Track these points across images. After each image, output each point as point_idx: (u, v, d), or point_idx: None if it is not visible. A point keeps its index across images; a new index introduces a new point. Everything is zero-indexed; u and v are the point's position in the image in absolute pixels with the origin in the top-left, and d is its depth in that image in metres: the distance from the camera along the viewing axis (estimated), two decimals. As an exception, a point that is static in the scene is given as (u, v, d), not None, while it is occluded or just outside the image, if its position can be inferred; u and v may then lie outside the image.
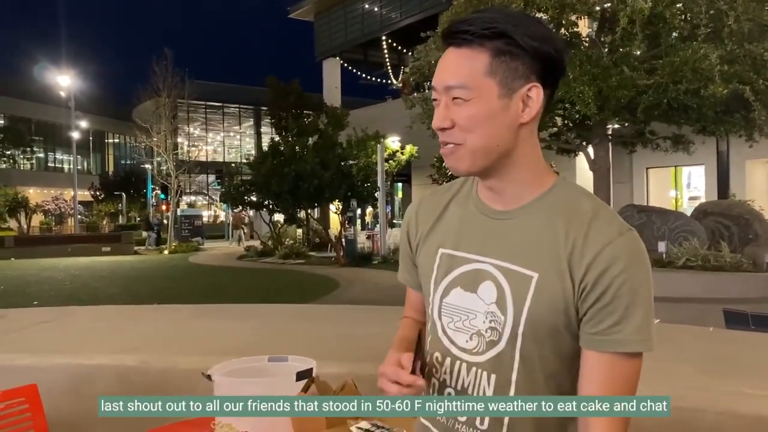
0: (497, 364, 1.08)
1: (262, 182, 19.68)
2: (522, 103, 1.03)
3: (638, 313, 1.00)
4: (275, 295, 12.10)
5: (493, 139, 1.04)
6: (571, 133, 14.56)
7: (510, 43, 1.01)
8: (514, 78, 1.02)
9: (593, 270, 1.00)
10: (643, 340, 1.01)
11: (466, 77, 1.02)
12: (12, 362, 2.95)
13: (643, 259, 1.02)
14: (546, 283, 1.03)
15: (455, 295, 1.12)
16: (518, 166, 1.07)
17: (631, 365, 1.03)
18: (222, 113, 50.92)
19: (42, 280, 16.49)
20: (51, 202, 39.42)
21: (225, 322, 4.14)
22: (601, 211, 1.05)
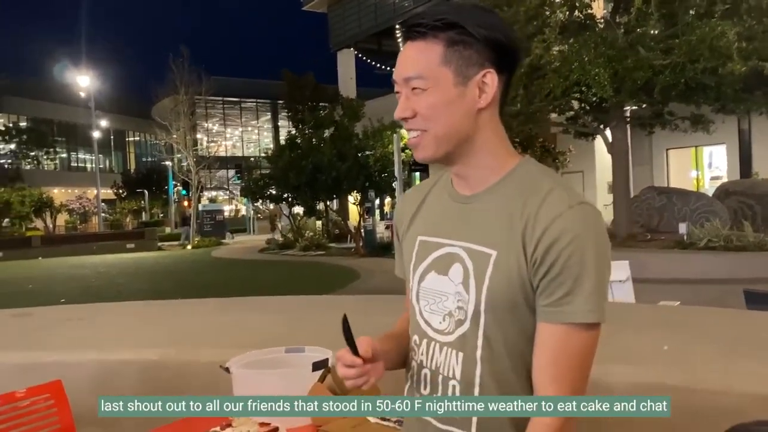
0: (464, 342, 1.11)
1: (280, 175, 19.79)
2: (478, 89, 1.08)
3: (587, 285, 1.01)
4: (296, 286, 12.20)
5: (453, 126, 1.08)
6: (588, 116, 14.41)
7: (462, 33, 1.06)
8: (468, 66, 1.07)
9: (543, 243, 1.02)
10: (592, 310, 1.02)
11: (423, 68, 1.07)
12: (38, 359, 3.03)
13: (593, 230, 1.03)
14: (503, 260, 1.06)
15: (430, 279, 1.16)
16: (480, 151, 1.12)
17: (583, 336, 1.04)
18: (239, 108, 51.15)
19: (69, 278, 16.80)
20: (75, 201, 40.02)
21: (246, 314, 4.20)
22: (557, 188, 1.07)
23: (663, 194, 14.61)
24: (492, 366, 1.09)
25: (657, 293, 6.96)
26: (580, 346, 1.04)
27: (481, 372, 1.10)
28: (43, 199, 35.03)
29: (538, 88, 11.96)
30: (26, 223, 34.45)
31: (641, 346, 2.75)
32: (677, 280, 9.72)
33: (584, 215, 1.04)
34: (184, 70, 29.30)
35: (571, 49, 11.77)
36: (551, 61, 11.75)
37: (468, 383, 1.11)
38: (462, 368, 1.12)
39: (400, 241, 1.29)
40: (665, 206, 14.19)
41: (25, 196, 33.51)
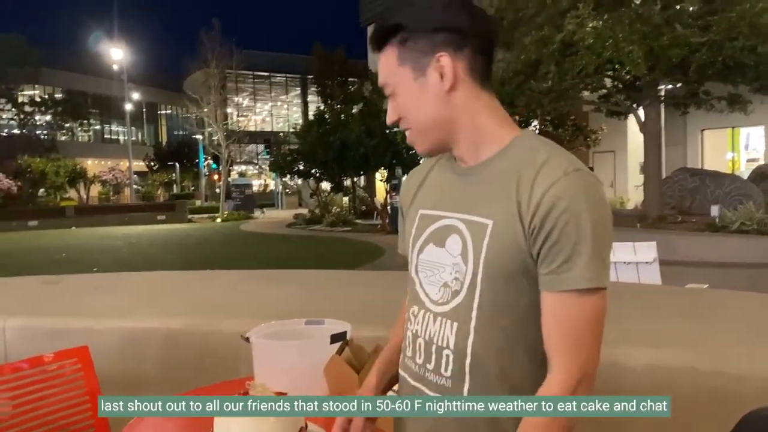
0: (459, 312, 1.12)
1: (308, 151, 19.85)
2: (438, 74, 1.10)
3: (585, 251, 1.02)
4: (322, 261, 12.30)
5: (428, 115, 1.13)
6: (621, 94, 14.12)
7: (407, 30, 1.11)
8: (421, 57, 1.11)
9: (540, 211, 1.03)
10: (591, 277, 1.02)
11: (386, 75, 1.15)
12: (67, 325, 3.11)
13: (589, 197, 1.03)
14: (500, 229, 1.07)
15: (428, 251, 1.19)
16: (468, 128, 1.14)
17: (586, 303, 1.04)
18: (269, 83, 51.22)
19: (101, 247, 17.17)
20: (108, 173, 40.71)
21: (270, 287, 4.25)
22: (554, 157, 1.07)
23: (696, 176, 14.32)
24: (485, 336, 1.10)
25: (686, 276, 6.87)
26: (584, 313, 1.04)
27: (474, 341, 1.11)
28: (77, 170, 35.72)
29: (571, 65, 11.74)
30: (61, 194, 35.22)
31: (665, 329, 2.72)
32: (707, 264, 9.56)
33: (580, 182, 1.04)
34: (215, 43, 29.46)
35: (605, 25, 11.51)
36: (584, 37, 11.49)
37: (461, 352, 1.13)
38: (456, 338, 1.13)
39: (404, 218, 1.31)
40: (698, 188, 13.91)
41: (60, 166, 34.20)
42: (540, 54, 12.12)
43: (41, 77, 38.96)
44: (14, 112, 38.95)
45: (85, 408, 2.34)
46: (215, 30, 29.33)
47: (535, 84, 12.75)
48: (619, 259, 5.57)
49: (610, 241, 1.05)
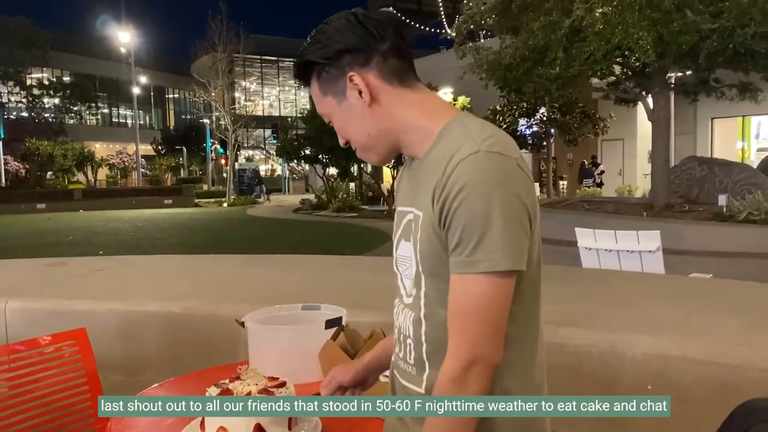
0: (414, 303, 1.18)
1: (315, 136, 19.81)
2: (356, 92, 1.15)
3: (474, 235, 1.02)
4: (327, 246, 12.31)
5: (362, 132, 1.19)
6: (630, 81, 13.97)
7: (317, 64, 1.18)
8: (335, 83, 1.17)
9: (442, 197, 1.06)
10: (481, 261, 1.02)
11: (318, 106, 1.23)
12: (69, 307, 3.13)
13: (484, 178, 1.02)
14: (426, 220, 1.11)
15: (401, 246, 1.22)
16: (402, 132, 1.17)
17: (469, 286, 1.04)
18: (277, 67, 51.14)
19: (108, 230, 17.25)
20: (115, 156, 40.88)
21: (272, 271, 4.26)
22: (465, 143, 1.06)
23: (704, 164, 14.20)
24: (434, 323, 1.13)
25: (691, 265, 6.83)
26: (468, 296, 1.05)
27: (426, 330, 1.15)
28: (84, 154, 35.88)
29: (579, 52, 11.60)
30: (69, 177, 35.39)
31: (666, 318, 2.71)
32: (713, 253, 9.50)
33: (481, 162, 1.03)
34: (222, 27, 29.37)
35: (614, 11, 11.36)
36: (593, 23, 11.35)
37: (417, 341, 1.17)
38: (413, 327, 1.18)
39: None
40: (706, 177, 13.80)
41: (68, 149, 34.34)
42: (548, 39, 11.99)
43: (49, 60, 39.01)
44: (22, 94, 39.04)
45: (83, 390, 2.36)
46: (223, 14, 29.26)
47: (542, 70, 12.61)
48: (622, 247, 5.55)
49: (512, 221, 1.03)
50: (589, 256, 5.80)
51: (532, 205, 1.08)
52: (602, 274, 4.94)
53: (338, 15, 1.19)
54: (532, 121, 21.78)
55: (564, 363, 2.37)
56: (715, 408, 2.16)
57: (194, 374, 2.16)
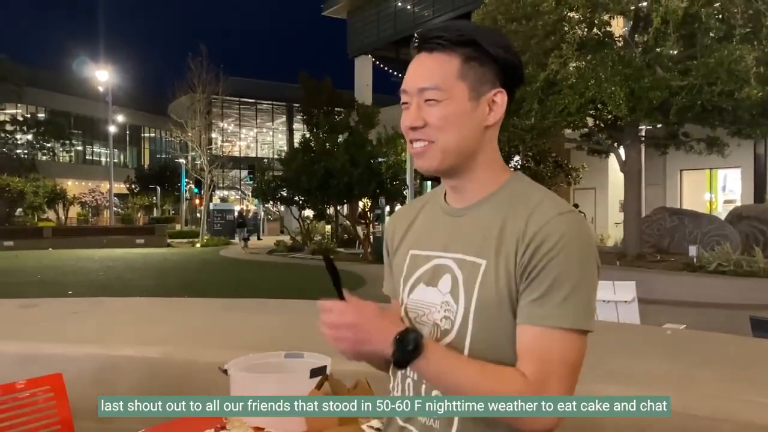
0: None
1: (292, 178, 19.87)
2: (488, 107, 1.12)
3: (564, 289, 1.02)
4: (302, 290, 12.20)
5: (462, 139, 1.12)
6: (603, 133, 14.35)
7: (478, 50, 1.10)
8: (482, 83, 1.11)
9: (530, 248, 1.04)
10: (564, 316, 1.02)
11: (440, 79, 1.10)
12: (41, 351, 3.06)
13: (578, 237, 1.04)
14: (492, 269, 1.07)
15: (419, 290, 1.18)
16: (480, 165, 1.15)
17: (555, 340, 1.02)
18: (255, 109, 51.39)
19: (77, 270, 16.91)
20: (88, 195, 40.30)
21: (249, 316, 4.22)
22: (547, 199, 1.09)
23: (675, 215, 14.53)
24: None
25: (663, 315, 6.92)
26: (564, 353, 1.03)
27: None
28: (56, 191, 35.30)
29: (553, 104, 11.94)
30: (39, 214, 34.72)
31: (642, 369, 2.74)
32: (685, 303, 9.65)
33: (572, 223, 1.06)
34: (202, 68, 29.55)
35: (588, 66, 11.77)
36: (567, 77, 11.72)
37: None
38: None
39: (390, 258, 1.30)
40: (677, 227, 14.11)
41: (39, 186, 33.77)
42: (523, 92, 12.31)
43: (24, 96, 38.67)
44: (-5, 130, 38.55)
45: (56, 438, 2.30)
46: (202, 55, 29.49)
47: (518, 120, 12.91)
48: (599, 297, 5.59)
49: (594, 285, 1.05)
50: (564, 305, 5.83)
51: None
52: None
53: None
54: (506, 169, 22.09)
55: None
56: (693, 461, 2.19)
57: (177, 422, 2.12)
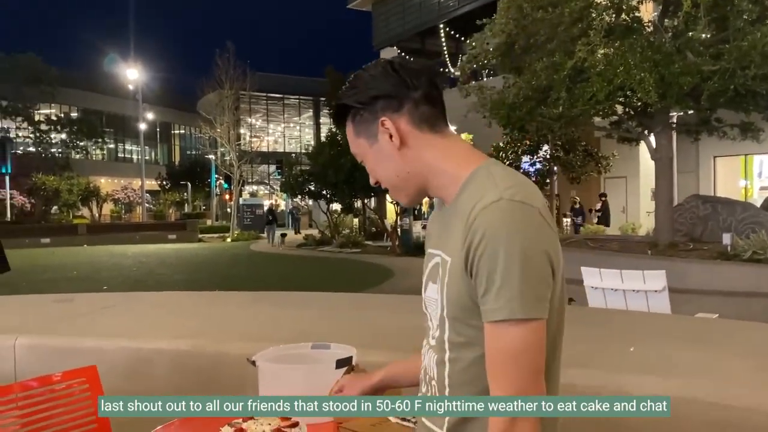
0: (438, 345, 1.21)
1: (319, 172, 19.97)
2: (387, 136, 1.20)
3: (495, 282, 1.05)
4: (331, 283, 12.29)
5: (392, 174, 1.24)
6: (632, 121, 14.09)
7: (348, 109, 1.24)
8: (368, 127, 1.23)
9: (466, 245, 1.09)
10: (498, 309, 1.05)
11: (352, 147, 1.29)
12: (76, 344, 3.14)
13: (499, 228, 1.05)
14: (454, 266, 1.13)
15: (429, 288, 1.26)
16: (431, 175, 1.22)
17: (502, 334, 1.06)
18: (282, 104, 51.69)
19: (111, 266, 17.26)
20: (120, 191, 41.05)
21: (278, 309, 4.26)
22: (489, 191, 1.10)
23: (708, 203, 14.22)
24: (458, 367, 1.17)
25: (696, 305, 6.81)
26: (502, 345, 1.07)
27: (449, 372, 1.18)
28: (90, 188, 36.06)
29: (582, 92, 11.76)
30: (73, 211, 35.53)
31: (673, 359, 2.70)
32: (718, 292, 9.46)
33: (498, 213, 1.06)
34: (229, 65, 29.86)
35: (616, 52, 11.55)
36: (595, 64, 11.54)
37: (441, 383, 1.20)
38: (437, 369, 1.21)
39: None
40: (710, 215, 13.82)
41: (73, 184, 34.55)
42: (551, 80, 12.17)
43: (57, 96, 39.52)
44: (30, 130, 39.46)
45: (92, 428, 2.36)
46: (229, 52, 29.77)
47: (545, 109, 12.76)
48: (628, 287, 5.55)
49: (528, 270, 1.04)
50: (595, 295, 5.80)
51: (555, 254, 1.10)
52: (609, 313, 4.93)
53: (376, 62, 1.25)
54: (535, 159, 21.93)
55: (572, 404, 2.37)
56: (724, 451, 2.16)
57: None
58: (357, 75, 1.25)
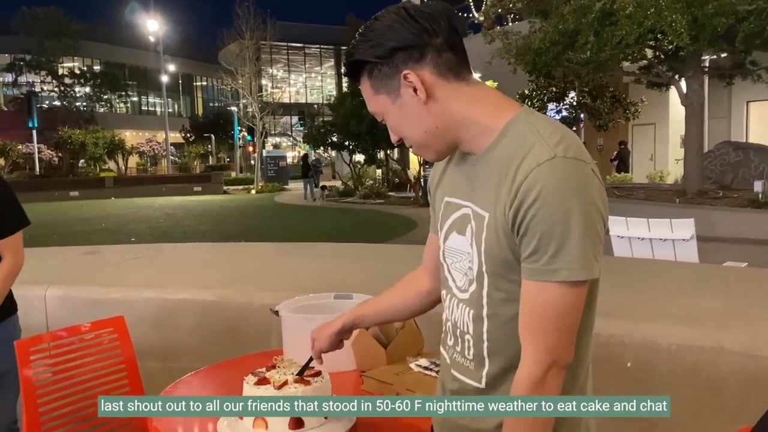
0: (473, 300, 1.17)
1: (341, 123, 19.84)
2: (411, 90, 1.12)
3: (551, 245, 1.02)
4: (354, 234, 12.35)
5: (418, 130, 1.15)
6: (663, 65, 13.69)
7: (363, 65, 1.15)
8: (389, 82, 1.13)
9: (515, 204, 1.04)
10: (557, 270, 1.02)
11: (370, 105, 1.19)
12: (106, 295, 3.20)
13: (559, 187, 1.01)
14: (493, 221, 1.09)
15: (452, 238, 1.22)
16: (460, 127, 1.14)
17: (553, 294, 1.04)
18: (303, 54, 51.16)
19: (139, 218, 17.53)
20: (145, 144, 41.35)
21: (302, 260, 4.29)
22: (538, 143, 1.05)
23: (739, 149, 13.89)
24: (497, 322, 1.14)
25: (724, 253, 6.71)
26: (553, 303, 1.05)
27: (488, 328, 1.16)
28: (115, 142, 36.36)
29: (610, 35, 11.41)
30: (100, 165, 35.93)
31: (700, 308, 2.67)
32: (748, 240, 9.31)
33: (553, 169, 1.02)
34: (249, 14, 29.46)
35: (646, -7, 11.14)
36: (624, 6, 11.15)
37: (478, 338, 1.18)
38: (473, 324, 1.18)
39: (432, 200, 1.35)
40: (741, 162, 13.51)
41: (99, 138, 34.85)
42: (578, 23, 11.81)
43: (80, 49, 39.54)
44: (54, 84, 39.68)
45: (122, 376, 2.41)
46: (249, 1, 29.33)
47: (572, 54, 12.44)
48: (655, 235, 5.47)
49: (587, 231, 1.02)
50: (621, 244, 5.73)
51: (605, 209, 1.07)
52: (635, 262, 4.88)
53: (387, 10, 1.14)
54: (561, 106, 21.48)
55: (596, 354, 2.36)
56: (750, 400, 2.14)
57: (230, 362, 2.20)
58: (370, 26, 1.14)
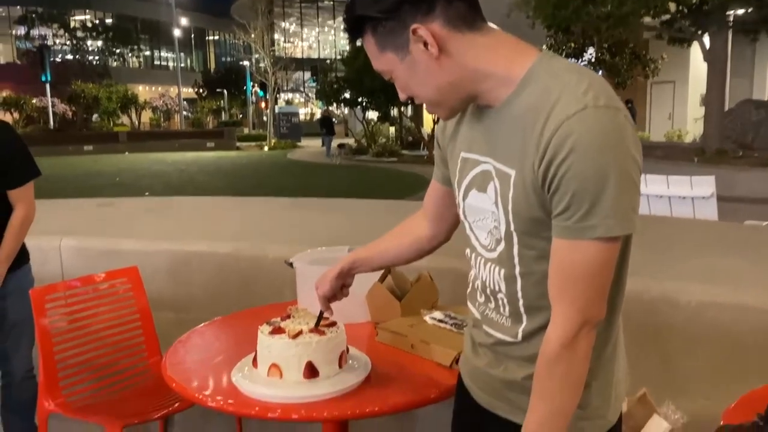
0: (503, 259, 1.13)
1: (354, 79, 19.60)
2: (421, 45, 1.04)
3: (585, 201, 0.96)
4: (367, 191, 12.33)
5: (432, 87, 1.09)
6: (686, 20, 13.33)
7: (371, 19, 1.06)
8: (396, 38, 1.05)
9: (545, 160, 0.98)
10: (593, 226, 0.97)
11: (376, 63, 1.11)
12: (119, 246, 3.20)
13: (593, 140, 0.94)
14: (521, 179, 1.03)
15: (472, 196, 1.17)
16: (475, 82, 1.07)
17: (586, 252, 0.99)
18: (316, 8, 50.32)
19: (152, 173, 17.58)
20: (158, 99, 41.22)
21: (316, 214, 4.27)
22: (564, 94, 0.97)
23: (761, 108, 13.61)
24: (531, 280, 1.11)
25: (744, 213, 6.62)
26: (588, 261, 1.00)
27: (522, 286, 1.12)
28: (128, 96, 36.26)
29: (632, -12, 11.11)
30: (114, 119, 35.94)
31: (720, 266, 2.63)
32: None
33: (590, 121, 0.94)
34: (261, -34, 28.92)
35: (672, -57, 10.77)
36: (649, -43, 10.82)
37: (512, 296, 1.14)
38: (506, 284, 1.14)
39: (443, 152, 1.29)
40: (763, 121, 13.25)
41: (112, 92, 34.77)
42: (600, -24, 11.50)
43: (92, 2, 39.15)
44: (66, 37, 39.44)
45: (136, 326, 2.43)
46: (262, -47, 28.77)
47: (593, 8, 12.14)
48: (674, 193, 5.40)
49: (625, 185, 0.96)
50: (638, 201, 5.66)
51: (640, 156, 1.01)
52: (653, 220, 4.82)
53: None
54: (580, 62, 21.09)
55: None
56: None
57: (244, 312, 2.19)
58: None
